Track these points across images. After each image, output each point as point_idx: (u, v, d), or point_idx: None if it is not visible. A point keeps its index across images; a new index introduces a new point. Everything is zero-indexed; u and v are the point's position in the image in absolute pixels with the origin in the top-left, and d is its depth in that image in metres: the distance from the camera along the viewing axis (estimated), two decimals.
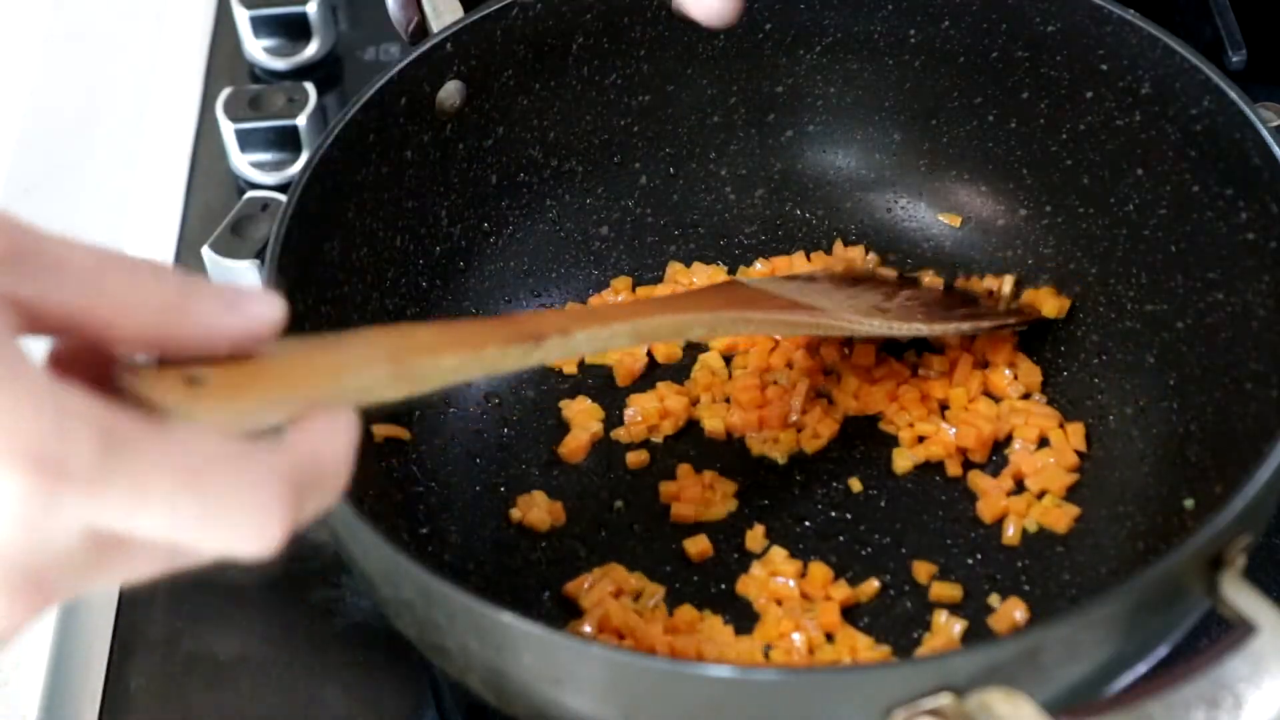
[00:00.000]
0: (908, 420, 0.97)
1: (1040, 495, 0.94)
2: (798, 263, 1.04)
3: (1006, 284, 1.02)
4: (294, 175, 0.90)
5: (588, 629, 0.89)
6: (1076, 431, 0.96)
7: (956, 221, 1.05)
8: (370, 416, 0.92)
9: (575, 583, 0.91)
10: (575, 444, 0.97)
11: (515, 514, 0.95)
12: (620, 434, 0.98)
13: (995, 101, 1.02)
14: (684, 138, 1.06)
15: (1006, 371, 0.99)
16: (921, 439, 0.96)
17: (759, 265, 1.05)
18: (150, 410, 0.52)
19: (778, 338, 1.00)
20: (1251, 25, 1.15)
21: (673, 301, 0.83)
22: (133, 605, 0.95)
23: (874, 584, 0.91)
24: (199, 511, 0.51)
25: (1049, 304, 1.00)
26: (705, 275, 1.04)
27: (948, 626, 0.89)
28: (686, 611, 0.90)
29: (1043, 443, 0.96)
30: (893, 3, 1.01)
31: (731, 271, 1.05)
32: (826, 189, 1.07)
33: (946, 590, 0.91)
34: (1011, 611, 0.89)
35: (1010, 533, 0.93)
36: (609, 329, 0.77)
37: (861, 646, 0.88)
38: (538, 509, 0.94)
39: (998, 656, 0.70)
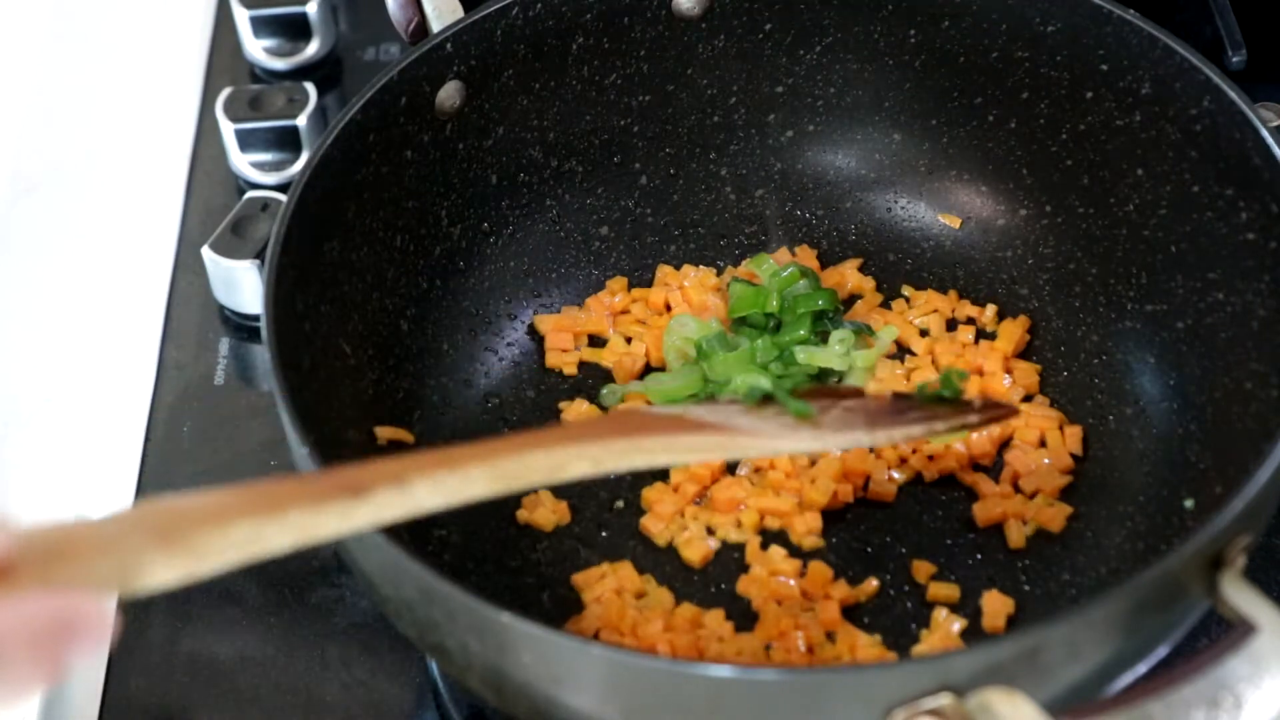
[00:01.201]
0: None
1: (1033, 495, 0.94)
2: (783, 259, 1.05)
3: (988, 313, 1.02)
4: (294, 175, 0.90)
5: (588, 625, 0.89)
6: (1074, 434, 0.96)
7: (956, 222, 1.05)
8: (373, 418, 0.93)
9: (583, 574, 0.92)
10: None
11: (522, 514, 0.95)
12: None
13: (995, 101, 1.02)
14: (684, 138, 1.06)
15: (1005, 379, 0.99)
16: (931, 457, 0.96)
17: (746, 265, 1.05)
18: None
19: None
20: (1251, 25, 1.15)
21: (547, 436, 0.72)
22: (133, 605, 0.95)
23: (873, 583, 0.91)
24: None
25: (1018, 337, 1.00)
26: (695, 277, 1.04)
27: (946, 624, 0.89)
28: (687, 609, 0.90)
29: (1042, 443, 0.96)
30: (893, 3, 1.01)
31: (720, 273, 1.05)
32: (826, 189, 1.07)
33: (945, 590, 0.91)
34: (997, 607, 0.89)
35: (1011, 534, 0.93)
36: (461, 473, 0.66)
37: (862, 644, 0.88)
38: (544, 508, 0.95)
39: (998, 656, 0.70)
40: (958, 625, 0.89)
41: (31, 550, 0.54)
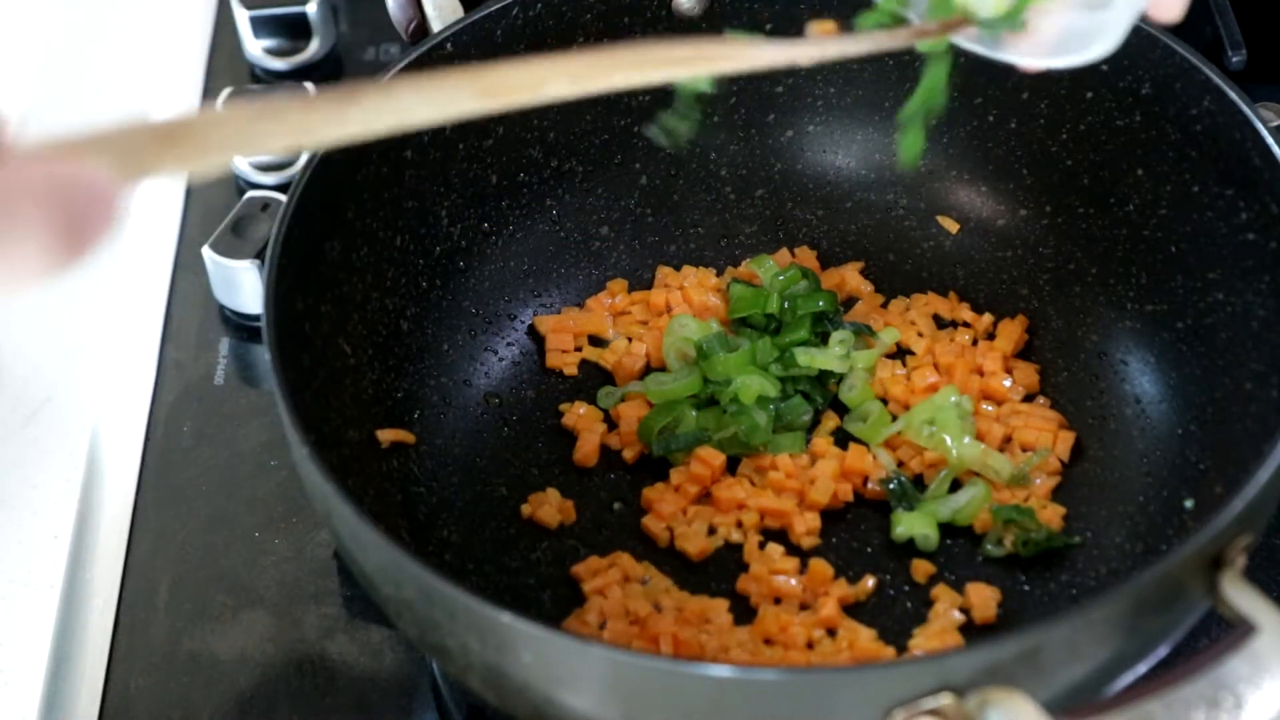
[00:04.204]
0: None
1: (1026, 499, 0.95)
2: (784, 260, 1.05)
3: (984, 321, 1.02)
4: (294, 175, 0.90)
5: (590, 618, 0.89)
6: (1065, 440, 0.96)
7: (956, 223, 1.05)
8: (373, 418, 0.94)
9: (584, 564, 0.92)
10: (589, 448, 0.98)
11: (526, 509, 0.95)
12: (614, 439, 0.98)
13: (995, 101, 1.02)
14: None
15: (1005, 379, 0.99)
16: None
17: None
18: None
19: None
20: (1251, 25, 1.15)
21: (530, 58, 0.68)
22: (133, 605, 0.95)
23: (871, 582, 0.91)
24: None
25: (1017, 336, 1.00)
26: (695, 278, 1.04)
27: (945, 614, 0.89)
28: (689, 600, 0.90)
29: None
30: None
31: (720, 273, 1.05)
32: (826, 189, 1.07)
33: (944, 590, 0.91)
34: (984, 597, 0.90)
35: (1008, 536, 0.93)
36: (447, 86, 0.65)
37: (862, 639, 0.88)
38: (548, 506, 0.95)
39: (998, 656, 0.70)
40: (956, 616, 0.89)
41: (33, 144, 0.54)
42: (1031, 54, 0.77)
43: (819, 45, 0.80)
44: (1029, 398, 0.99)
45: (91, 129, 0.56)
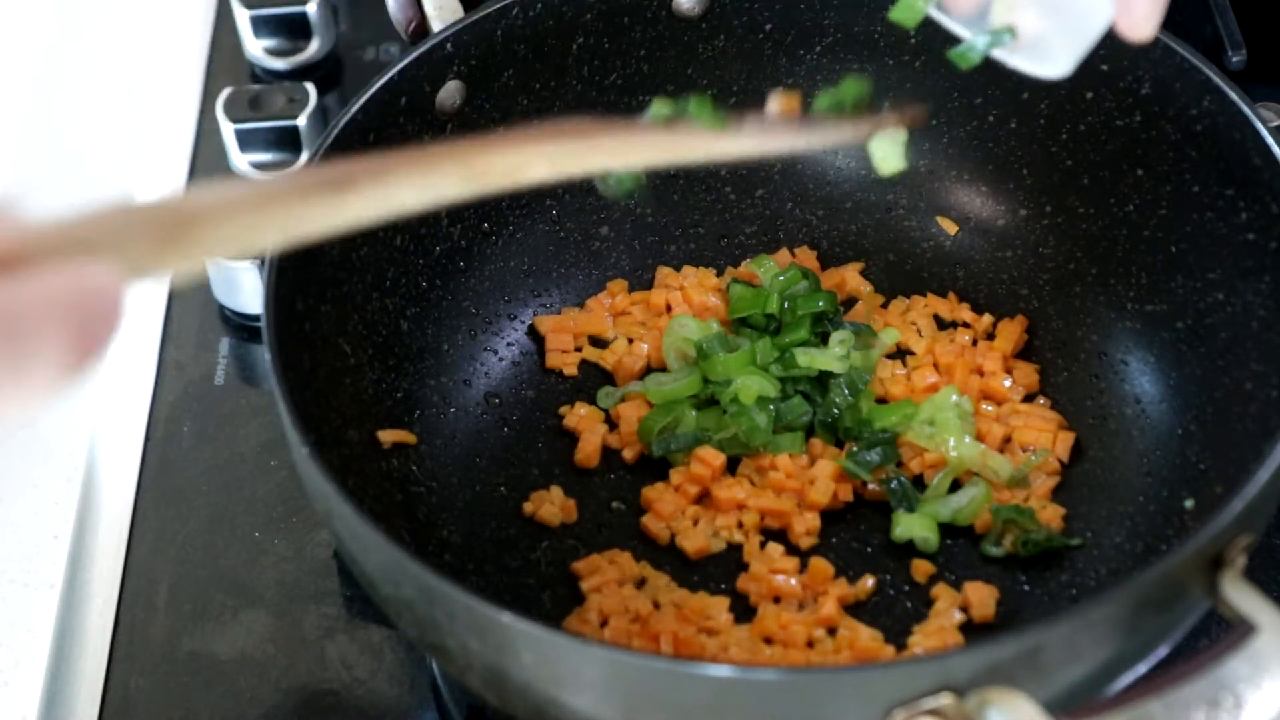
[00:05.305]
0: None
1: (1026, 499, 0.95)
2: (784, 260, 1.05)
3: (983, 321, 1.02)
4: None
5: (591, 616, 0.89)
6: (1065, 440, 0.96)
7: (956, 224, 1.05)
8: (373, 418, 0.93)
9: (585, 561, 0.92)
10: (590, 448, 0.98)
11: (528, 507, 0.95)
12: (614, 439, 0.98)
13: (995, 101, 1.02)
14: None
15: (1006, 381, 0.99)
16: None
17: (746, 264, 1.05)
18: None
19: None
20: (1251, 25, 1.16)
21: (511, 138, 0.72)
22: (133, 605, 0.95)
23: (870, 581, 0.91)
24: None
25: (1016, 336, 1.00)
26: (695, 278, 1.04)
27: (945, 613, 0.89)
28: (689, 598, 0.90)
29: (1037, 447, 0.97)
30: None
31: (720, 273, 1.05)
32: (826, 189, 1.07)
33: (944, 589, 0.91)
34: (982, 596, 0.90)
35: (1008, 536, 0.93)
36: (436, 172, 0.68)
37: (863, 638, 0.88)
38: (550, 505, 0.95)
39: (998, 656, 0.70)
40: (957, 615, 0.89)
41: (42, 237, 0.55)
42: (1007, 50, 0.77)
43: (786, 138, 0.82)
44: (1029, 398, 0.99)
45: (93, 216, 0.56)
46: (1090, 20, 0.74)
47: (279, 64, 1.22)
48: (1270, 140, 0.87)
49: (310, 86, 1.17)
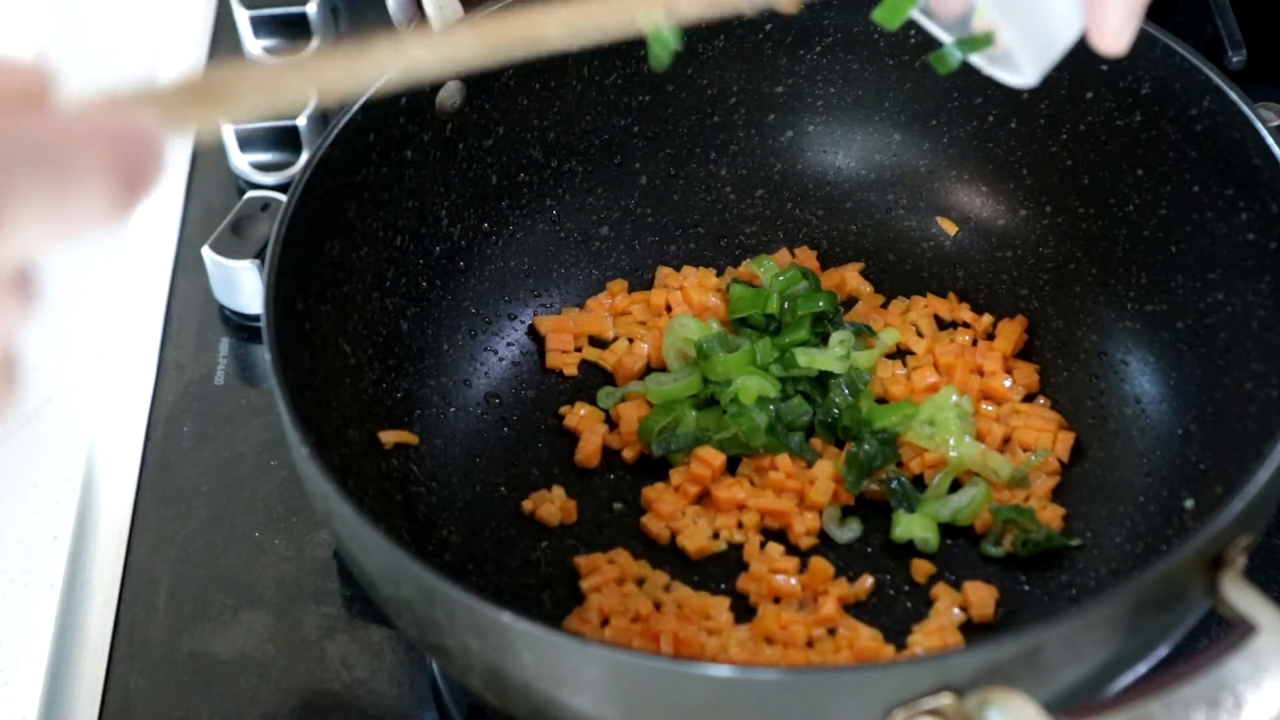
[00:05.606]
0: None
1: (1026, 499, 0.95)
2: (784, 260, 1.05)
3: (984, 320, 1.02)
4: (294, 175, 0.90)
5: (591, 616, 0.89)
6: (1065, 440, 0.96)
7: (956, 224, 1.05)
8: (373, 418, 0.93)
9: (586, 558, 0.92)
10: (590, 449, 0.98)
11: (527, 505, 0.95)
12: (614, 439, 0.98)
13: (995, 101, 1.02)
14: (684, 138, 1.06)
15: (1005, 381, 0.99)
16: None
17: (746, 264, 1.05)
18: None
19: None
20: (1251, 25, 1.16)
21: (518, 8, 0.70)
22: (133, 605, 0.95)
23: (869, 581, 0.91)
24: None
25: (1016, 336, 1.00)
26: (695, 278, 1.04)
27: (945, 613, 0.89)
28: (689, 598, 0.90)
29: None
30: None
31: (720, 273, 1.05)
32: (826, 189, 1.07)
33: (944, 589, 0.91)
34: (982, 596, 0.90)
35: (1008, 536, 0.93)
36: (452, 36, 0.69)
37: (863, 638, 0.88)
38: (550, 504, 0.95)
39: (998, 656, 0.70)
40: (956, 615, 0.89)
41: (82, 94, 0.57)
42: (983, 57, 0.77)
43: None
44: (1029, 398, 0.99)
45: (132, 86, 0.58)
46: (1059, 33, 0.74)
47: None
48: (1270, 140, 0.87)
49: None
